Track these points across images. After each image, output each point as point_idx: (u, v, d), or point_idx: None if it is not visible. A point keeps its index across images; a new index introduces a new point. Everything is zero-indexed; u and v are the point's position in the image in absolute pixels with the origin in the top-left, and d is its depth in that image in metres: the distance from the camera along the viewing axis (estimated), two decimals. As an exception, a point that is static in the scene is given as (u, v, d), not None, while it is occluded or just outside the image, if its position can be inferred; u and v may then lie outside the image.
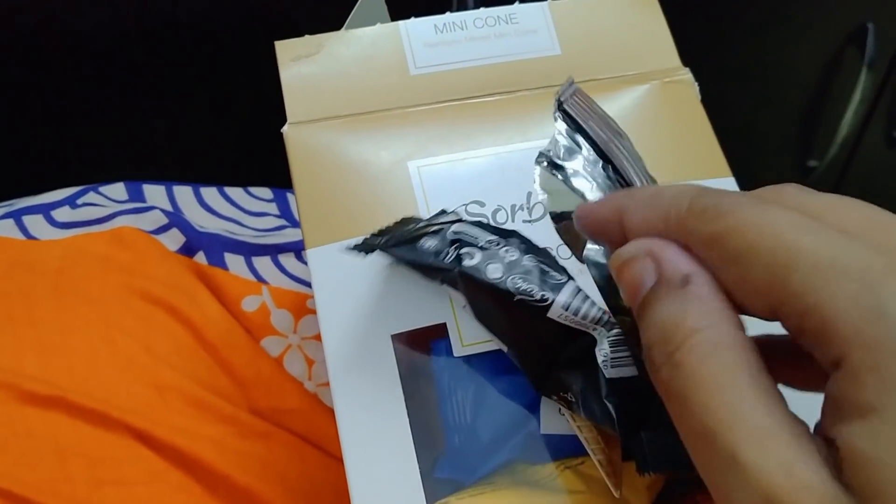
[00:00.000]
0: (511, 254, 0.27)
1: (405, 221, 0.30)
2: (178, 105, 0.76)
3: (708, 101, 0.35)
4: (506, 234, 0.28)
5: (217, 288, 0.45)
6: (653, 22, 0.36)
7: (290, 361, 0.43)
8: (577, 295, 0.26)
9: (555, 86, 0.35)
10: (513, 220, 0.32)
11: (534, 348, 0.27)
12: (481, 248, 0.27)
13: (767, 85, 0.90)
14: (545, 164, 0.28)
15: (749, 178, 0.34)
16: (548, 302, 0.26)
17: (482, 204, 0.32)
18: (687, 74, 0.36)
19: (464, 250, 0.27)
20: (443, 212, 0.30)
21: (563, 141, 0.28)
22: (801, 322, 0.18)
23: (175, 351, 0.42)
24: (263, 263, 0.46)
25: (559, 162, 0.28)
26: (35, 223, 0.45)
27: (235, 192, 0.51)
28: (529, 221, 0.32)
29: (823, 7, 0.85)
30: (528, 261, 0.27)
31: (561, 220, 0.27)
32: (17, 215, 0.45)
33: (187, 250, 0.46)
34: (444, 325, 0.30)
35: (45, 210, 0.46)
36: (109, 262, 0.44)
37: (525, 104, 0.35)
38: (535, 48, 0.36)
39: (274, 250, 0.47)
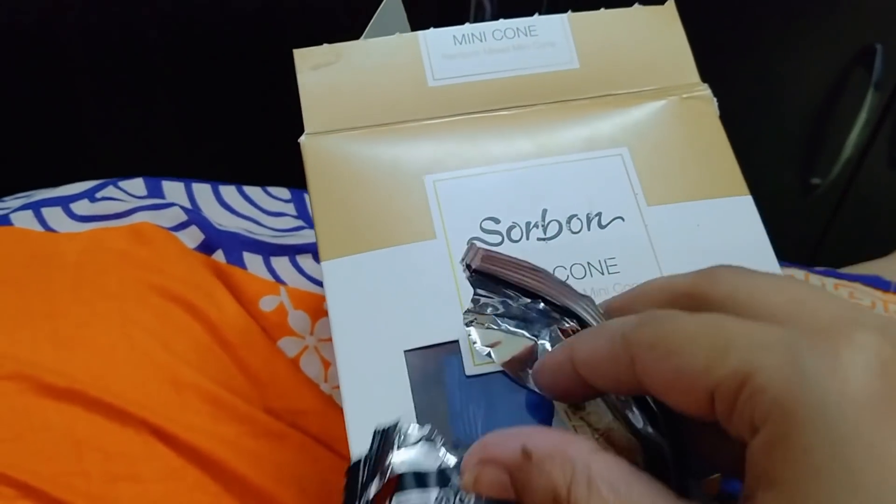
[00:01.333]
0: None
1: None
2: (195, 103, 0.77)
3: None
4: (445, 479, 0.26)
5: (235, 287, 0.45)
6: (673, 37, 0.36)
7: (307, 363, 0.44)
8: None
9: (572, 100, 0.35)
10: (527, 238, 0.32)
11: None
12: None
13: (773, 102, 0.90)
14: (475, 322, 0.29)
15: (753, 190, 0.34)
16: None
17: (497, 220, 0.32)
18: (706, 91, 0.35)
19: None
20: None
21: (485, 298, 0.29)
22: (734, 399, 0.19)
23: (192, 348, 0.42)
24: (282, 264, 0.47)
25: (489, 315, 0.29)
26: (54, 215, 0.46)
27: (254, 192, 0.52)
28: (544, 240, 0.32)
29: (832, 27, 0.85)
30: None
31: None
32: (35, 207, 0.46)
33: (206, 248, 0.46)
34: (457, 342, 0.30)
35: (64, 203, 0.47)
36: (128, 258, 0.44)
37: (541, 118, 0.34)
38: (553, 61, 0.35)
39: (292, 251, 0.47)
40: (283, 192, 0.53)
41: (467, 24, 0.36)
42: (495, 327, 0.29)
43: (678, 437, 0.25)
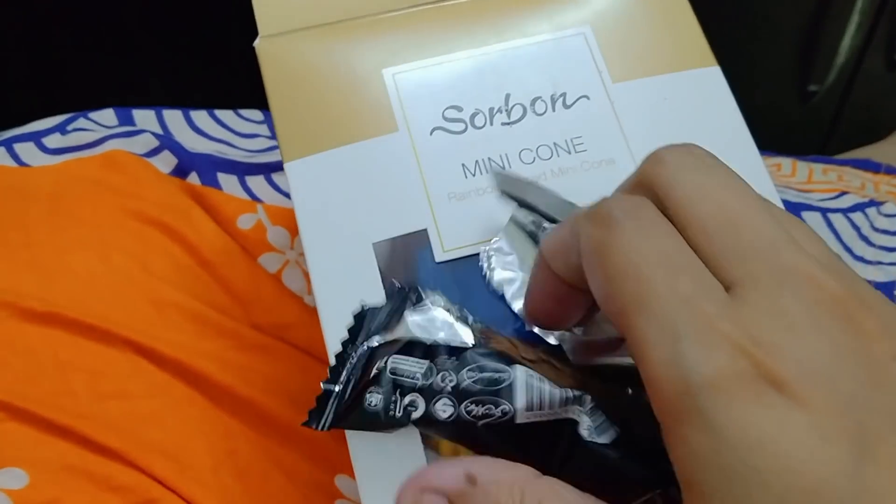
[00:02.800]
0: (449, 378, 0.26)
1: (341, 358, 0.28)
2: (163, 31, 0.75)
3: (705, 26, 0.35)
4: (434, 353, 0.26)
5: (211, 207, 0.45)
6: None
7: (289, 277, 0.44)
8: (531, 388, 0.25)
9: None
10: (491, 124, 0.32)
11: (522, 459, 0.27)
12: (420, 389, 0.26)
13: (765, 9, 0.89)
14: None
15: (749, 103, 0.33)
16: (510, 414, 0.25)
17: (460, 109, 0.32)
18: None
19: (407, 399, 0.26)
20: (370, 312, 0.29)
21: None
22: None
23: (173, 269, 0.42)
24: (257, 182, 0.47)
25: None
26: (26, 150, 0.45)
27: (226, 115, 0.51)
28: (508, 124, 0.32)
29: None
30: (468, 377, 0.26)
31: None
32: (7, 143, 0.46)
33: (180, 172, 0.46)
34: (425, 231, 0.30)
35: (35, 137, 0.46)
36: (103, 185, 0.44)
37: (501, 5, 0.34)
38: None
39: (267, 169, 0.47)
40: (256, 114, 0.52)
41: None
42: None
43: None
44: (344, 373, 0.26)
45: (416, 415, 0.26)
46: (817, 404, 0.17)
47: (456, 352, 0.26)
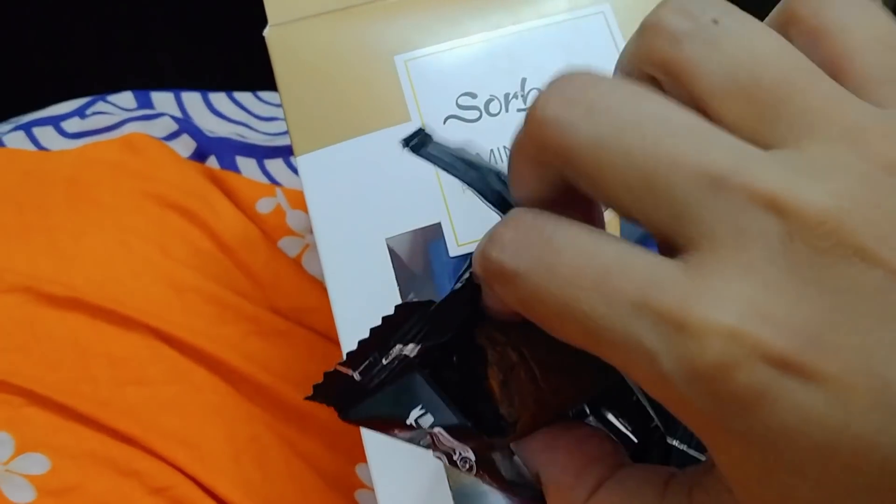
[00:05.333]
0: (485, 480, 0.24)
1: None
2: (180, 12, 0.75)
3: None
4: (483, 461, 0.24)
5: (231, 191, 0.45)
6: None
7: (309, 261, 0.44)
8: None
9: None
10: (507, 110, 0.31)
11: None
12: (454, 462, 0.24)
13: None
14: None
15: None
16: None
17: (474, 95, 0.31)
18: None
19: (436, 453, 0.24)
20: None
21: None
22: None
23: (192, 253, 0.42)
24: (276, 165, 0.46)
25: None
26: (45, 134, 0.46)
27: (244, 97, 0.51)
28: (524, 110, 0.31)
29: None
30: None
31: None
32: (27, 127, 0.46)
33: (198, 156, 0.46)
34: (439, 224, 0.30)
35: (54, 122, 0.46)
36: (121, 169, 0.44)
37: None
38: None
39: (286, 152, 0.47)
40: (275, 97, 0.52)
41: None
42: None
43: None
44: (366, 363, 0.24)
45: (436, 455, 0.24)
46: (832, 374, 0.14)
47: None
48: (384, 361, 0.23)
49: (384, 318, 0.24)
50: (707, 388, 0.15)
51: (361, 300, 0.28)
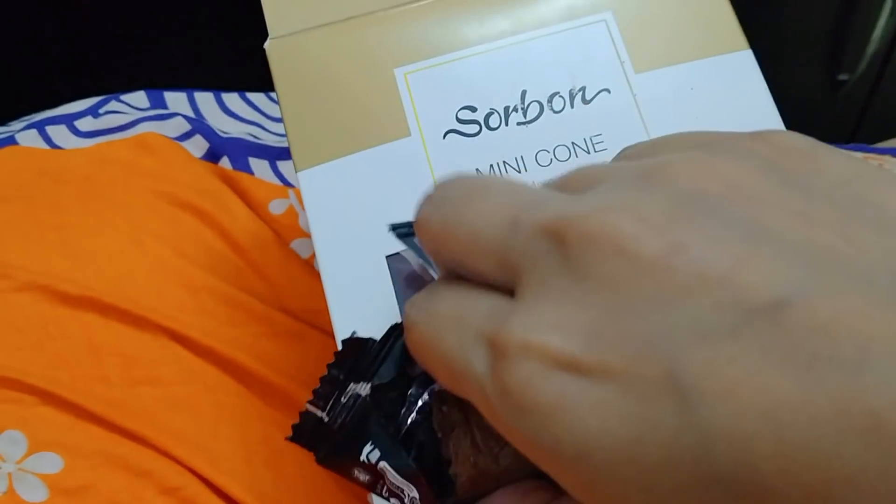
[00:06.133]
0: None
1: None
2: (192, 12, 0.75)
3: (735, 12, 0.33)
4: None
5: (243, 192, 0.45)
6: None
7: None
8: None
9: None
10: (506, 124, 0.31)
11: None
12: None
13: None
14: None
15: (780, 91, 0.32)
16: None
17: (474, 109, 0.31)
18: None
19: (393, 501, 0.26)
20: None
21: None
22: None
23: (205, 253, 0.42)
24: (288, 167, 0.47)
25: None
26: (59, 133, 0.46)
27: (257, 98, 0.51)
28: (524, 123, 0.31)
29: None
30: None
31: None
32: (40, 126, 0.46)
33: (211, 156, 0.46)
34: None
35: (67, 120, 0.47)
36: (135, 168, 0.44)
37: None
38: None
39: (298, 152, 0.47)
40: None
41: None
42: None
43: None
44: (331, 402, 0.26)
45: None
46: (618, 367, 0.15)
47: None
48: (343, 400, 0.25)
49: (335, 354, 0.26)
50: (515, 405, 0.16)
51: (362, 317, 0.28)
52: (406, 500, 0.25)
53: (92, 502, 0.36)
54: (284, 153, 0.47)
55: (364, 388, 0.26)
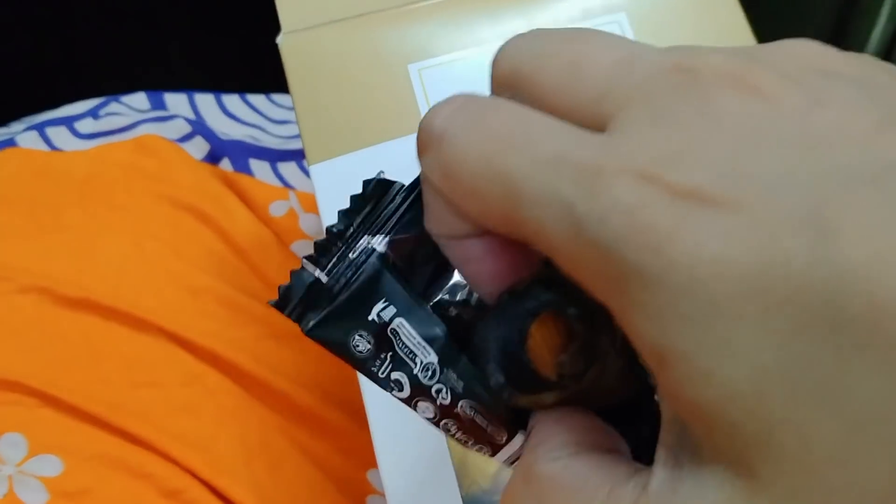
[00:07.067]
0: (443, 395, 0.21)
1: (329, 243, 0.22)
2: (193, 13, 0.75)
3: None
4: (449, 358, 0.21)
5: (244, 194, 0.45)
6: None
7: None
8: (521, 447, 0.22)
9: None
10: None
11: None
12: (415, 378, 0.21)
13: (794, 1, 0.86)
14: None
15: None
16: (487, 454, 0.22)
17: None
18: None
19: (394, 375, 0.21)
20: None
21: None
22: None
23: (205, 255, 0.42)
24: (289, 169, 0.46)
25: None
26: (58, 135, 0.46)
27: (258, 100, 0.51)
28: None
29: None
30: (464, 410, 0.21)
31: None
32: (40, 128, 0.46)
33: (212, 158, 0.46)
34: None
35: (67, 122, 0.46)
36: (135, 170, 0.44)
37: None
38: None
39: (299, 155, 0.47)
40: (287, 100, 0.52)
41: None
42: None
43: None
44: (333, 260, 0.21)
45: (398, 394, 0.21)
46: (749, 200, 0.14)
47: (468, 368, 0.21)
48: (351, 256, 0.21)
49: (351, 198, 0.22)
50: (622, 223, 0.14)
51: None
52: (417, 368, 0.21)
53: (92, 505, 0.35)
54: (285, 155, 0.47)
55: (380, 243, 0.21)
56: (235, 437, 0.38)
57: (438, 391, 0.21)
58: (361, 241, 0.21)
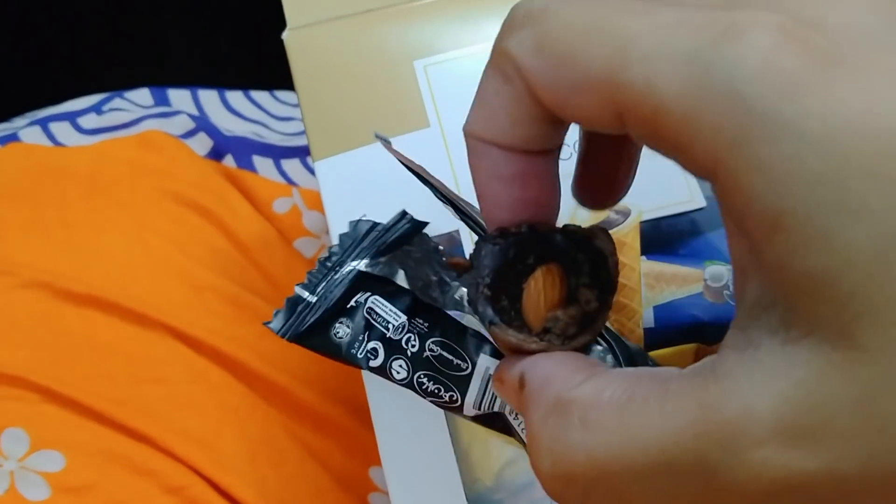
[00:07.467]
0: (412, 343, 0.25)
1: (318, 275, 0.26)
2: (197, 9, 0.75)
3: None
4: (417, 310, 0.25)
5: (247, 190, 0.45)
6: None
7: None
8: (485, 389, 0.24)
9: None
10: None
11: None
12: (388, 340, 0.25)
13: None
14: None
15: None
16: (457, 403, 0.25)
17: None
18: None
19: (371, 345, 0.25)
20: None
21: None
22: (653, 128, 0.15)
23: (209, 252, 0.42)
24: (292, 166, 0.46)
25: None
26: (62, 130, 0.45)
27: (261, 96, 0.51)
28: None
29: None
30: (430, 349, 0.25)
31: None
32: (43, 123, 0.46)
33: (215, 154, 0.46)
34: (457, 232, 0.29)
35: (71, 117, 0.46)
36: (139, 166, 0.44)
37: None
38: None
39: (302, 152, 0.47)
40: (291, 97, 0.52)
41: None
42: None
43: None
44: (322, 285, 0.26)
45: (374, 363, 0.25)
46: (890, 66, 0.13)
47: (432, 313, 0.25)
48: (335, 277, 0.26)
49: (340, 236, 0.26)
50: (756, 66, 0.14)
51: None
52: (390, 332, 0.25)
53: (94, 501, 0.35)
54: (289, 152, 0.46)
55: (361, 264, 0.26)
56: (238, 433, 0.38)
57: (408, 340, 0.25)
58: (345, 266, 0.26)
